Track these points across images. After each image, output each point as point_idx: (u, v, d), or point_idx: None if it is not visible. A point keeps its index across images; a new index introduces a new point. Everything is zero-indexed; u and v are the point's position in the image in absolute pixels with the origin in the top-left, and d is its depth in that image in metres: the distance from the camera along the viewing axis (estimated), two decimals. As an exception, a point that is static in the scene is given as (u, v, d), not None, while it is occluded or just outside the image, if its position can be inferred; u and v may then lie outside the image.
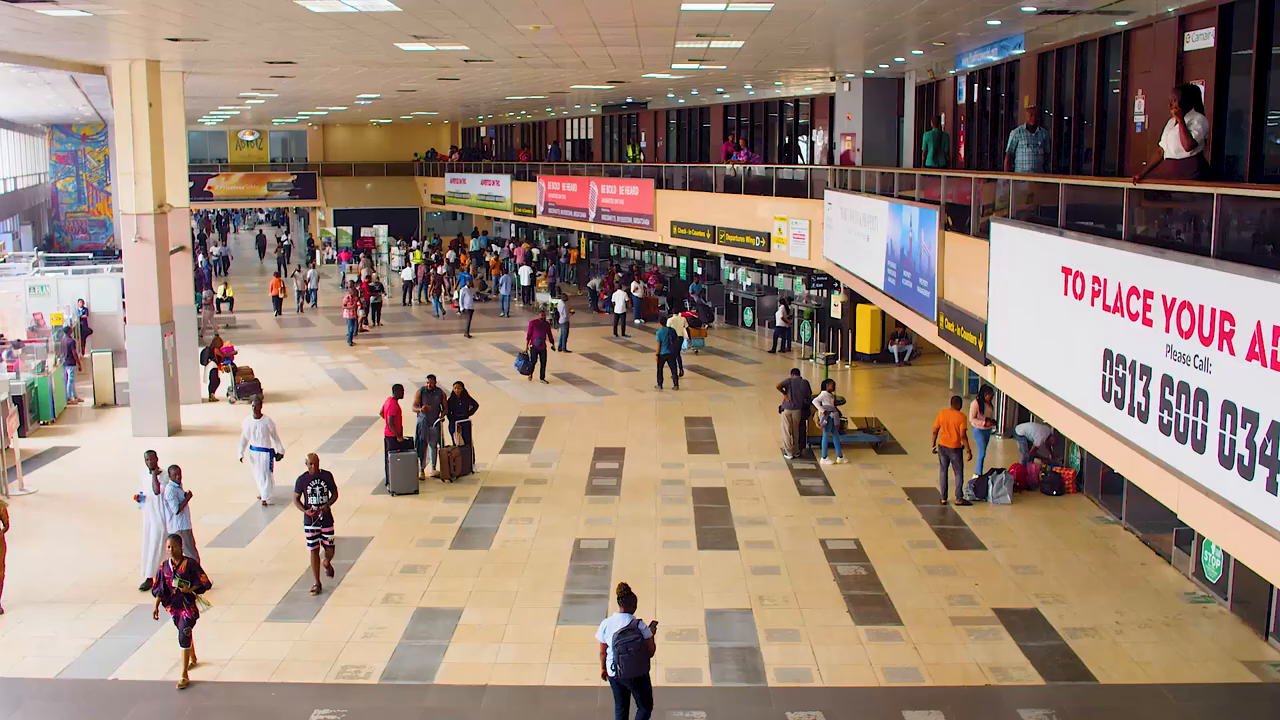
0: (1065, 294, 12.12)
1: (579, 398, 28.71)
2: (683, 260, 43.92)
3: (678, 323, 32.30)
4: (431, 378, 22.31)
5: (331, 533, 16.27)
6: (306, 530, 16.15)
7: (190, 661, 13.62)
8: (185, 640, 13.51)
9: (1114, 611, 15.30)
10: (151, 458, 16.35)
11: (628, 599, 11.60)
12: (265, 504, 19.97)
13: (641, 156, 43.71)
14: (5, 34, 20.02)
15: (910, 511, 19.65)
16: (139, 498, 16.26)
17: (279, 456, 20.06)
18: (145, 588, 15.86)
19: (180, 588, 13.48)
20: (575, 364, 32.75)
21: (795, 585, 16.35)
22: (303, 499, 16.13)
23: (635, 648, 11.42)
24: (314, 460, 16.44)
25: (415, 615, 15.39)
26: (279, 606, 15.74)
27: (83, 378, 29.76)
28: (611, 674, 11.58)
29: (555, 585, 16.43)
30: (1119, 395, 10.66)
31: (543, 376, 30.34)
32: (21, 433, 23.60)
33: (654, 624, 11.69)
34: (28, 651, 14.36)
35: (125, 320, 27.28)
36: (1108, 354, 10.91)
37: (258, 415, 20.00)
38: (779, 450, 23.17)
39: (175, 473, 16.25)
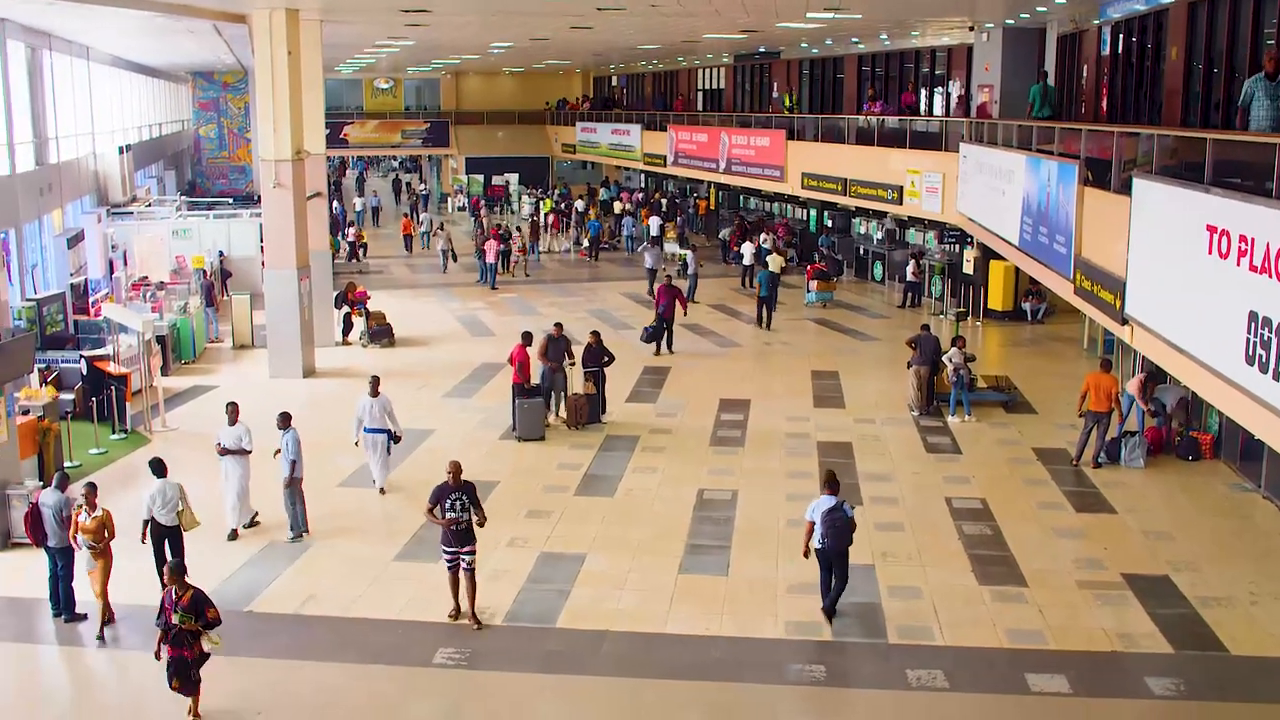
0: (1210, 253, 11.72)
1: (705, 348, 28.70)
2: (812, 212, 43.48)
3: (775, 262, 32.74)
4: (558, 325, 22.47)
5: (473, 553, 13.69)
6: (445, 553, 13.75)
7: (192, 708, 11.65)
8: (193, 686, 11.55)
9: (1249, 581, 14.87)
10: (233, 410, 16.58)
11: (833, 483, 13.74)
12: (382, 491, 18.24)
13: (798, 107, 43.02)
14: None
15: (1039, 472, 19.30)
16: (224, 451, 16.34)
17: (396, 439, 18.35)
18: (232, 538, 16.29)
19: (183, 624, 11.36)
20: (702, 315, 32.71)
21: (919, 543, 16.21)
22: (438, 512, 13.68)
23: (841, 524, 13.46)
24: (456, 470, 13.73)
25: (539, 559, 15.61)
26: (406, 547, 16.08)
27: (221, 319, 30.64)
28: (819, 546, 13.54)
29: (678, 535, 16.52)
30: (1264, 359, 10.30)
31: (669, 347, 27.91)
32: (164, 372, 24.39)
33: (854, 506, 13.71)
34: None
35: (263, 264, 27.95)
36: (1253, 316, 10.53)
37: (374, 394, 18.04)
38: (906, 406, 22.90)
39: (284, 420, 16.39)
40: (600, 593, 14.59)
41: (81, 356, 22.57)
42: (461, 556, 13.62)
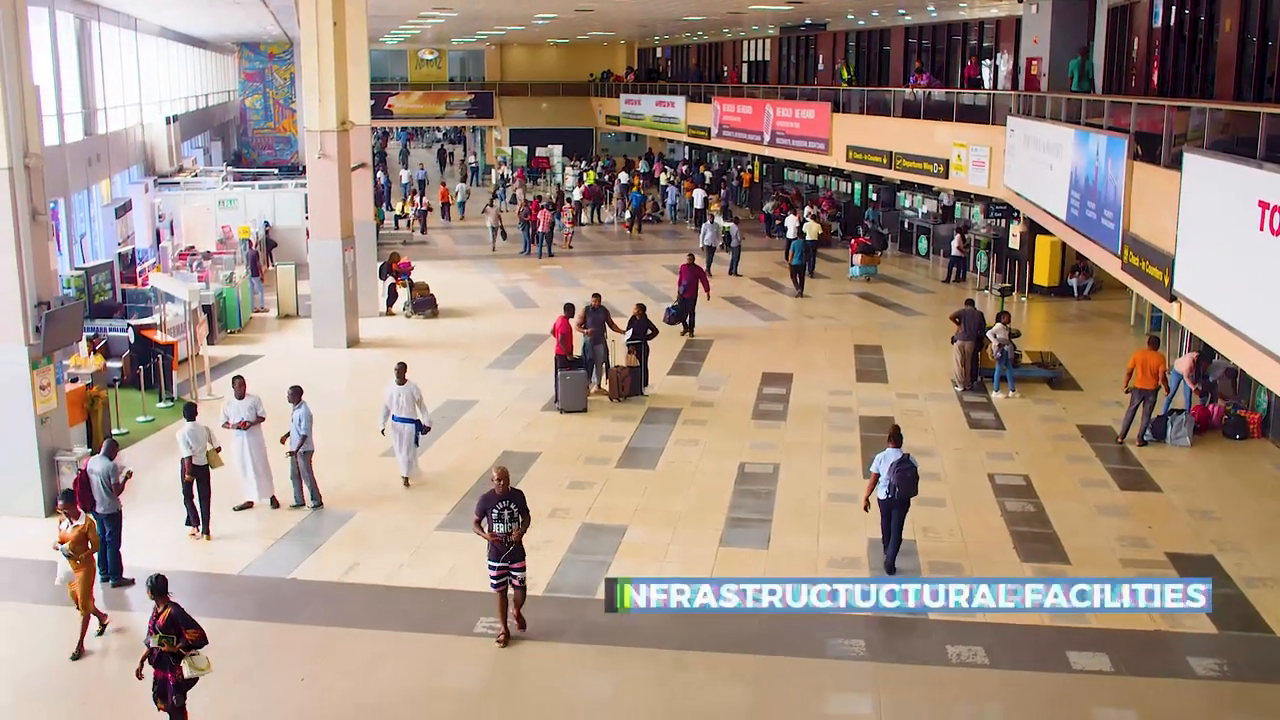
0: (1261, 229, 11.57)
1: (748, 321, 28.65)
2: (857, 186, 43.20)
3: (811, 229, 33.68)
4: (597, 296, 22.46)
5: (523, 569, 12.64)
6: (491, 568, 12.56)
7: None
8: (177, 713, 10.38)
9: (1296, 562, 14.74)
10: (240, 384, 16.62)
11: (898, 436, 14.35)
12: (407, 482, 17.49)
13: (855, 79, 42.70)
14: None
15: (1084, 449, 19.16)
16: (244, 425, 16.28)
17: (425, 429, 17.54)
18: (240, 508, 16.33)
19: (162, 646, 10.26)
20: (745, 288, 32.66)
21: (961, 519, 16.15)
22: (485, 524, 12.50)
23: (910, 474, 14.07)
24: (503, 476, 12.47)
25: (580, 531, 15.67)
26: (448, 517, 16.18)
27: (267, 289, 30.86)
28: (885, 497, 14.10)
29: (718, 507, 16.53)
30: (1314, 337, 10.17)
31: (690, 329, 26.94)
32: (210, 341, 24.59)
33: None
34: (213, 550, 15.13)
35: (308, 234, 28.12)
36: (1304, 293, 10.40)
37: (401, 381, 17.11)
38: (950, 381, 22.78)
39: (295, 395, 16.46)
40: (641, 564, 14.60)
41: (129, 325, 22.83)
42: (512, 573, 12.54)
